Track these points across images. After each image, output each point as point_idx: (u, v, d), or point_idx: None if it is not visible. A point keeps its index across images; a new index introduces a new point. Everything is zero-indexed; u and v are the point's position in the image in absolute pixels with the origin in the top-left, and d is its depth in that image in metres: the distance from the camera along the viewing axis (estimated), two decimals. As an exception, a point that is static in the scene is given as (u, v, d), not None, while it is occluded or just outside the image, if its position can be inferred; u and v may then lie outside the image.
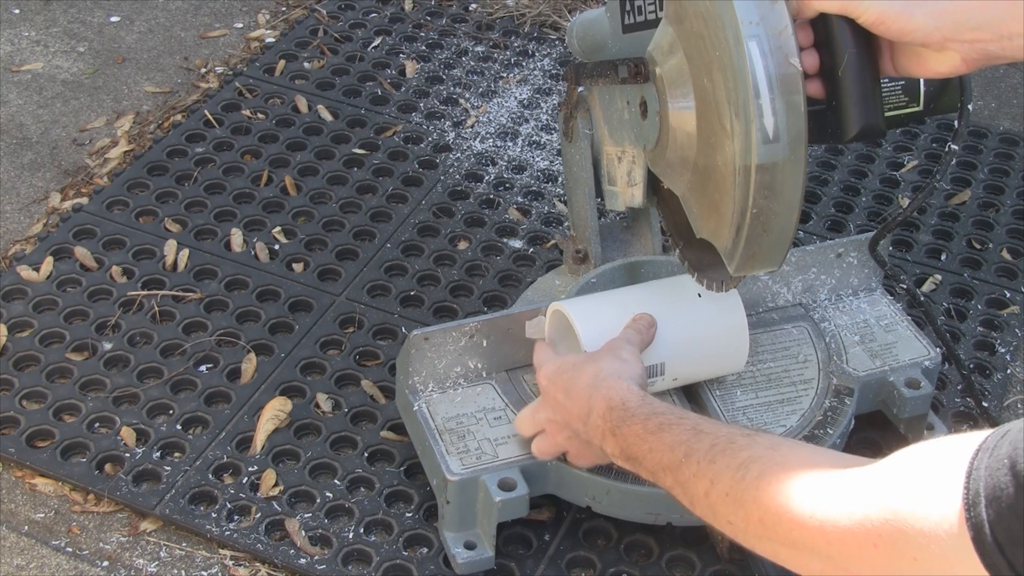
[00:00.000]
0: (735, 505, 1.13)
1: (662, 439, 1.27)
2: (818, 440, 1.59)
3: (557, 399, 1.45)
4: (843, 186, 2.24)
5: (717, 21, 1.25)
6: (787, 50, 1.24)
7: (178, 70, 2.46)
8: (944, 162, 1.52)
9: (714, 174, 1.33)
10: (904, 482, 0.96)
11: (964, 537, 0.89)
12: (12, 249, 2.02)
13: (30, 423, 1.72)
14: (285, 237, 2.06)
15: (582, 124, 1.70)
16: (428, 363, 1.61)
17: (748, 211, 1.28)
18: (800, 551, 1.06)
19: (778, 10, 1.24)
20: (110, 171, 2.18)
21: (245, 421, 1.74)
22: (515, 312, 1.64)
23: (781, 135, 1.25)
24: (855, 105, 1.30)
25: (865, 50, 1.29)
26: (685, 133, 1.37)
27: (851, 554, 1.00)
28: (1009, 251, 2.13)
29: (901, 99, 1.43)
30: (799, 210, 1.31)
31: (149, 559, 1.58)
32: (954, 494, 0.90)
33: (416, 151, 2.26)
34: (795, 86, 1.25)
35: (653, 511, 1.55)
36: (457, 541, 1.55)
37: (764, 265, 1.36)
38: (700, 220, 1.40)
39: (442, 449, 1.55)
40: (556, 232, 2.09)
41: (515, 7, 2.66)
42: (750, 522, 1.11)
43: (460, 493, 1.53)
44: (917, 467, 0.97)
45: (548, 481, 1.56)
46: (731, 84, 1.25)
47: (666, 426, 1.28)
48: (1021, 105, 2.50)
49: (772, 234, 1.31)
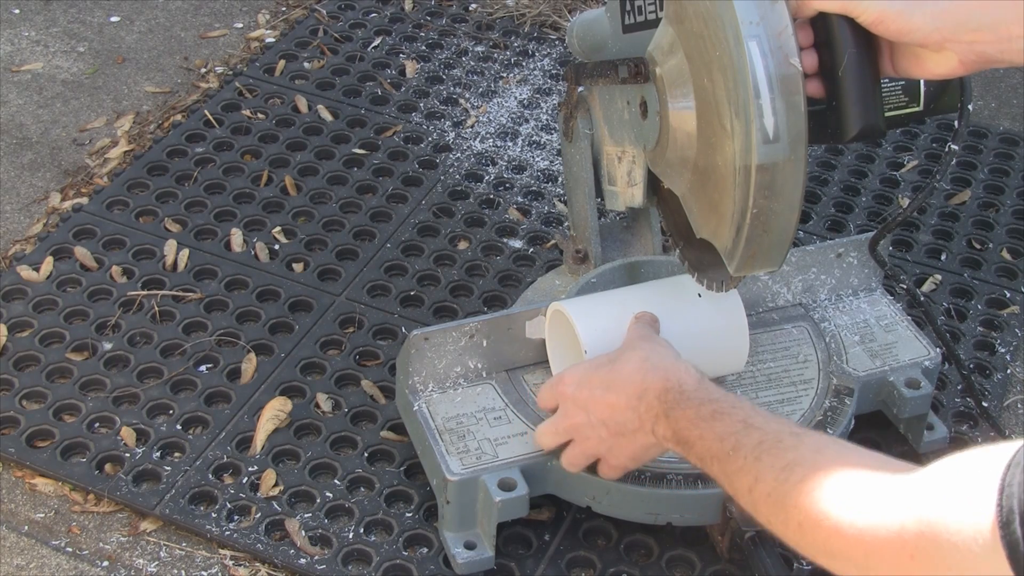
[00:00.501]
0: (776, 507, 1.13)
1: (713, 428, 1.27)
2: None
3: (593, 397, 1.44)
4: (843, 186, 2.24)
5: (717, 21, 1.25)
6: (787, 50, 1.24)
7: (178, 70, 2.46)
8: (944, 162, 1.52)
9: (714, 174, 1.33)
10: (939, 494, 0.97)
11: (999, 553, 0.89)
12: (12, 249, 2.02)
13: (30, 423, 1.72)
14: (285, 237, 2.06)
15: (582, 124, 1.70)
16: (428, 363, 1.61)
17: (748, 211, 1.28)
18: (837, 559, 1.06)
19: (778, 10, 1.24)
20: (110, 171, 2.18)
21: (245, 421, 1.74)
22: (515, 312, 1.64)
23: (781, 135, 1.25)
24: (855, 105, 1.30)
25: (865, 50, 1.29)
26: (685, 133, 1.37)
27: (888, 565, 1.00)
28: (1009, 251, 2.12)
29: (901, 99, 1.43)
30: (799, 210, 1.31)
31: (149, 559, 1.58)
32: (987, 510, 0.91)
33: (416, 151, 2.26)
34: (795, 86, 1.25)
35: (653, 511, 1.55)
36: (457, 541, 1.55)
37: (764, 265, 1.36)
38: (700, 220, 1.40)
39: (442, 449, 1.55)
40: (556, 232, 2.09)
41: (515, 7, 2.66)
42: (789, 526, 1.11)
43: (460, 493, 1.53)
44: (951, 479, 0.97)
45: (548, 481, 1.56)
46: (731, 84, 1.25)
47: (718, 415, 1.28)
48: (1021, 105, 2.50)
49: (772, 234, 1.31)
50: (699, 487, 1.52)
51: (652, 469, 1.53)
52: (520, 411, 1.60)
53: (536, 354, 1.66)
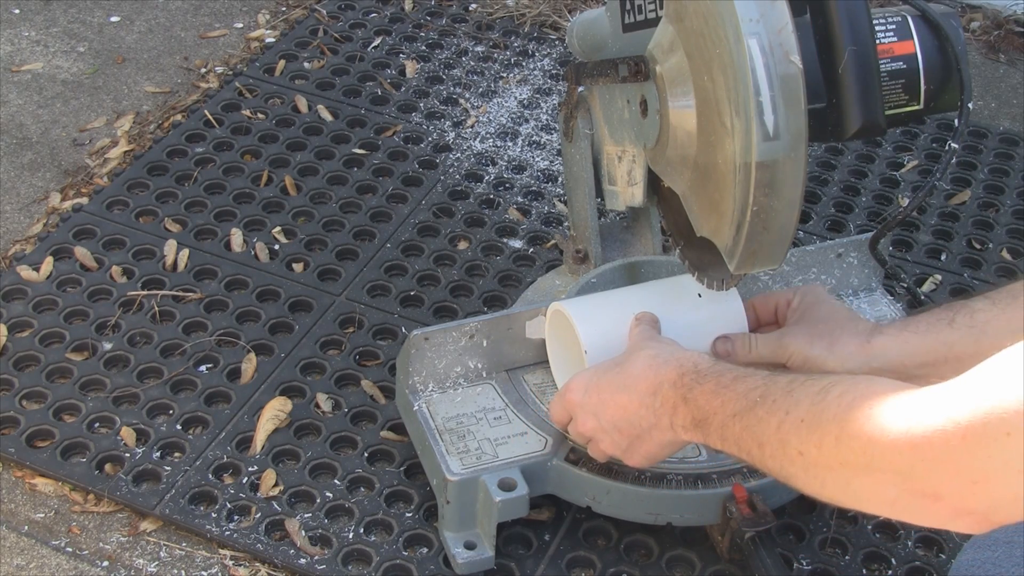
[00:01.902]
0: (809, 430, 1.10)
1: (735, 389, 1.25)
2: None
3: (603, 400, 1.43)
4: (843, 186, 2.24)
5: (717, 19, 1.25)
6: (787, 47, 1.24)
7: (178, 70, 2.46)
8: (944, 160, 1.52)
9: (714, 172, 1.33)
10: (989, 378, 0.95)
11: None
12: (12, 249, 2.02)
13: (30, 423, 1.72)
14: (285, 237, 2.06)
15: (582, 124, 1.70)
16: (428, 363, 1.61)
17: (748, 208, 1.28)
18: (875, 473, 1.03)
19: (778, 8, 1.24)
20: (110, 171, 2.18)
21: (245, 421, 1.74)
22: (515, 312, 1.64)
23: (781, 132, 1.25)
24: (856, 102, 1.30)
25: (865, 47, 1.29)
26: (685, 131, 1.37)
27: (934, 458, 0.97)
28: (1009, 251, 2.13)
29: (901, 97, 1.43)
30: (799, 208, 1.31)
31: (149, 559, 1.58)
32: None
33: (416, 151, 2.26)
34: (795, 83, 1.24)
35: (653, 511, 1.55)
36: (457, 541, 1.55)
37: (765, 263, 1.36)
38: (700, 218, 1.40)
39: (442, 449, 1.55)
40: (556, 232, 2.09)
41: (515, 7, 2.66)
42: (824, 446, 1.08)
43: (460, 493, 1.53)
44: (997, 367, 0.96)
45: (548, 481, 1.56)
46: (731, 82, 1.25)
47: (740, 378, 1.27)
48: (1021, 105, 2.50)
49: (772, 232, 1.31)
50: (699, 487, 1.53)
51: (652, 469, 1.53)
52: (520, 411, 1.60)
53: (536, 354, 1.66)
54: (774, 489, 1.54)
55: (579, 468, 1.54)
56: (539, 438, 1.57)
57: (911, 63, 1.43)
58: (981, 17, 2.73)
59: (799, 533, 1.63)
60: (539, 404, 1.62)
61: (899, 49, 1.43)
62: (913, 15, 1.45)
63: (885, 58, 1.41)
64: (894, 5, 1.49)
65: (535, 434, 1.57)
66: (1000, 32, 2.70)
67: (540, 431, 1.58)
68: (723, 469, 1.54)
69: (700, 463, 1.55)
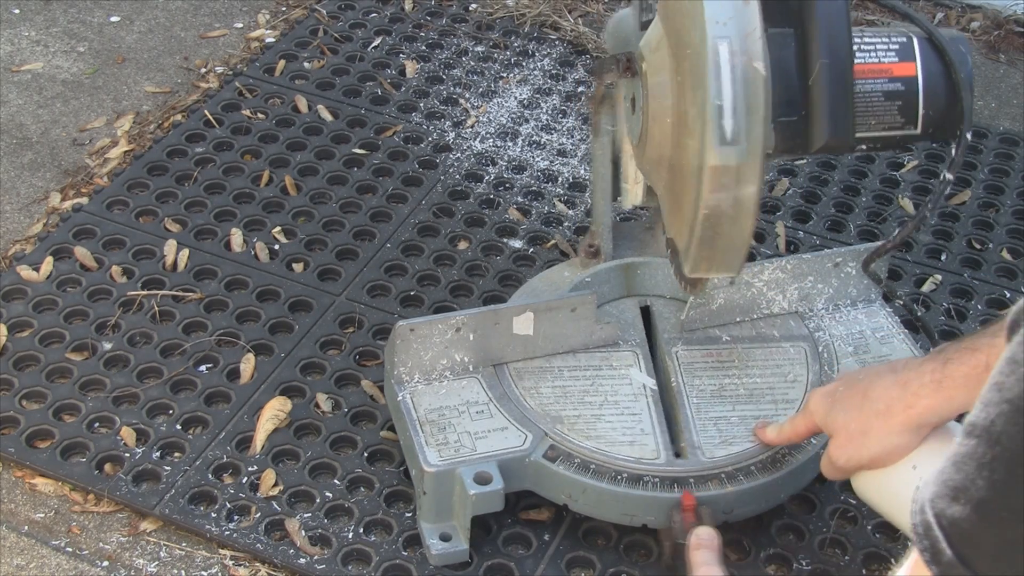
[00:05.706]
0: None
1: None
2: (780, 463, 1.55)
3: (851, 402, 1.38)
4: (843, 186, 2.24)
5: (690, 19, 1.25)
6: (752, 53, 1.22)
7: (178, 70, 2.46)
8: (938, 191, 1.48)
9: (681, 173, 1.32)
10: None
11: None
12: (12, 249, 2.02)
13: (30, 423, 1.72)
14: (285, 237, 2.06)
15: (605, 120, 1.69)
16: (414, 354, 1.61)
17: (699, 210, 1.27)
18: None
19: (749, 11, 1.22)
20: (110, 171, 2.18)
21: (245, 421, 1.74)
22: (502, 308, 1.64)
23: (740, 138, 1.23)
24: (823, 117, 1.28)
25: (840, 62, 1.28)
26: (662, 131, 1.36)
27: None
28: (1009, 251, 2.13)
29: (897, 120, 1.40)
30: (755, 216, 1.28)
31: (149, 559, 1.58)
32: None
33: (416, 151, 2.26)
34: (757, 89, 1.22)
35: (629, 512, 1.54)
36: (433, 532, 1.55)
37: (720, 269, 1.34)
38: (668, 218, 1.39)
39: (421, 440, 1.55)
40: (556, 232, 2.09)
41: (515, 7, 2.66)
42: None
43: (436, 484, 1.53)
44: None
45: (526, 477, 1.56)
46: (696, 82, 1.24)
47: None
48: (1021, 105, 2.50)
49: (724, 237, 1.29)
50: (675, 490, 1.52)
51: (630, 470, 1.53)
52: (503, 406, 1.60)
53: (524, 350, 1.66)
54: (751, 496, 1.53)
55: (556, 465, 1.54)
56: (519, 434, 1.57)
57: (910, 85, 1.40)
58: (981, 17, 2.73)
59: (799, 533, 1.63)
60: (522, 400, 1.61)
61: (898, 70, 1.40)
62: (920, 37, 1.42)
63: (881, 78, 1.38)
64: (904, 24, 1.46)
65: (515, 430, 1.57)
66: (1000, 32, 2.70)
67: (521, 427, 1.58)
68: (701, 474, 1.54)
69: (678, 466, 1.55)
